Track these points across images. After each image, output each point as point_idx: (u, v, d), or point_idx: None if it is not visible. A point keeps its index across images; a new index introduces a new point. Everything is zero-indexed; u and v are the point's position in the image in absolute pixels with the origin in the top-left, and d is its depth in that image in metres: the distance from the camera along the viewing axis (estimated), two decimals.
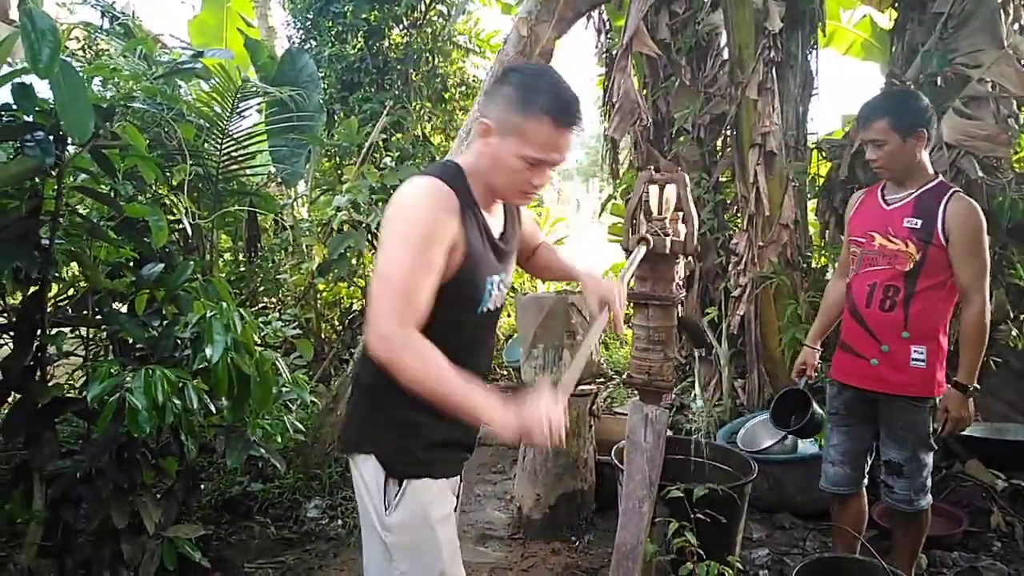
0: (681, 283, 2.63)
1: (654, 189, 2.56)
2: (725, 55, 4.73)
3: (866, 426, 2.86)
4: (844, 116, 6.54)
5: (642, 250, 2.38)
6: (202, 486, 3.59)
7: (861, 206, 2.87)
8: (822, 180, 4.92)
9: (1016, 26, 4.61)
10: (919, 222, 2.60)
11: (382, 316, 1.49)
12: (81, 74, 2.25)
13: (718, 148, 5.07)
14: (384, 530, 1.70)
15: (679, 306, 2.63)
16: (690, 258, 4.75)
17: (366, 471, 1.71)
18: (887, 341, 2.68)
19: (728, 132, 4.64)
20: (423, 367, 1.48)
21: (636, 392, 2.69)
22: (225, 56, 3.27)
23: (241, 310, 2.68)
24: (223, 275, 4.52)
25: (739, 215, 4.66)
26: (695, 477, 3.20)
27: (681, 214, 2.60)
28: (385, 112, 4.77)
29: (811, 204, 5.20)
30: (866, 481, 2.98)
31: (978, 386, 2.64)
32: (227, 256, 5.37)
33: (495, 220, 1.77)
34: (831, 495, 2.98)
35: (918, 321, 2.64)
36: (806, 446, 3.89)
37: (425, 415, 1.61)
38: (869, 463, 2.95)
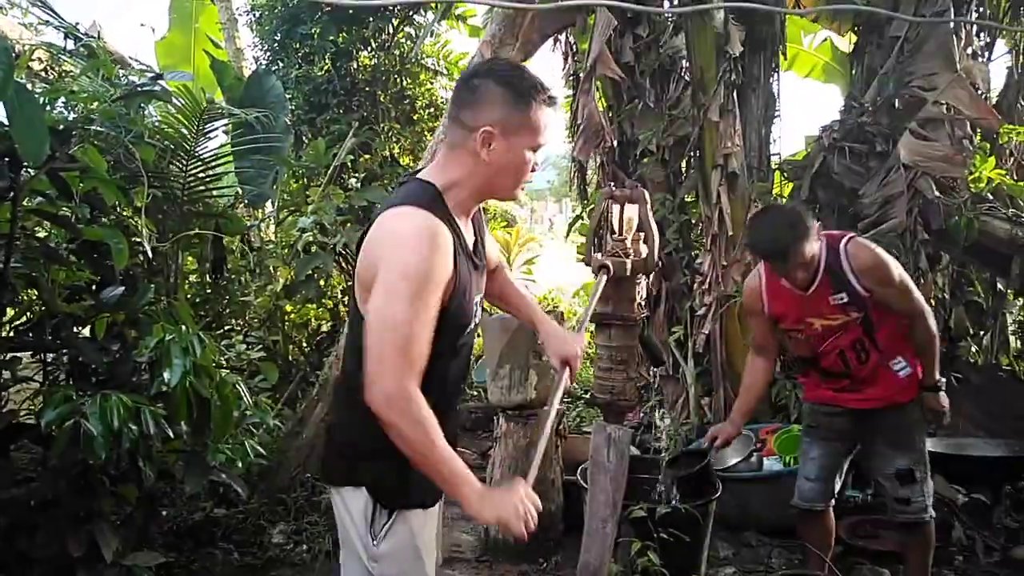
0: (643, 303, 2.66)
1: (615, 208, 2.58)
2: (687, 78, 4.81)
3: (846, 440, 2.89)
4: (807, 137, 6.69)
5: (603, 279, 2.41)
6: (163, 512, 3.53)
7: (776, 296, 2.82)
8: (785, 201, 5.00)
9: (969, 50, 4.75)
10: (844, 296, 2.67)
11: (386, 372, 1.48)
12: (38, 96, 2.24)
13: (682, 169, 5.14)
14: (372, 560, 1.69)
15: (641, 326, 2.65)
16: (656, 277, 4.81)
17: (353, 503, 1.70)
18: (868, 376, 2.77)
19: (691, 153, 4.71)
20: (420, 435, 1.49)
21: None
22: (185, 78, 3.27)
23: (200, 333, 2.66)
24: (187, 298, 4.48)
25: (704, 235, 4.71)
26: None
27: (643, 234, 2.64)
28: (352, 133, 4.76)
29: None
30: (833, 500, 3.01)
31: (943, 379, 2.76)
32: (192, 278, 5.31)
33: (468, 232, 1.75)
34: (803, 511, 2.97)
35: (889, 346, 2.73)
36: (771, 463, 3.92)
37: None
38: (840, 480, 2.99)
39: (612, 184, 2.60)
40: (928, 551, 2.87)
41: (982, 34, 5.17)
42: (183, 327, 2.64)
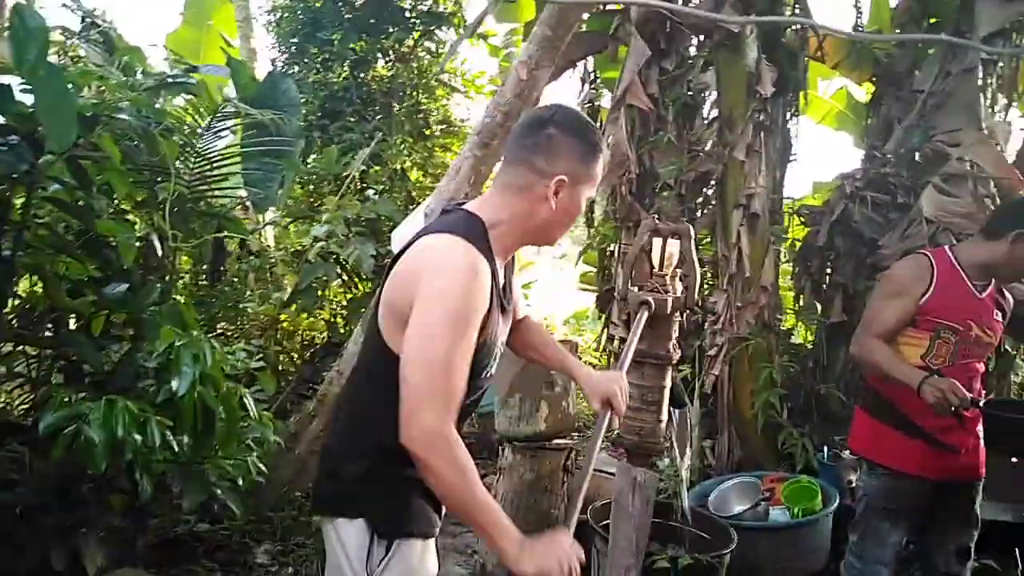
0: (677, 343, 2.56)
1: (657, 242, 2.49)
2: (713, 114, 4.75)
3: (918, 516, 2.69)
4: (815, 183, 6.68)
5: (644, 316, 2.31)
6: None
7: (947, 286, 2.55)
8: (799, 245, 4.94)
9: (996, 109, 4.74)
10: (1000, 314, 2.55)
11: (427, 409, 1.41)
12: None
13: (697, 205, 5.07)
14: None
15: (674, 366, 2.55)
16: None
17: (348, 535, 1.60)
18: (974, 430, 2.55)
19: (711, 191, 4.64)
20: (460, 480, 1.43)
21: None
22: (220, 73, 3.13)
23: (212, 340, 2.53)
24: (182, 299, 4.32)
25: (718, 274, 4.63)
26: (669, 542, 3.10)
27: (679, 271, 2.55)
28: (375, 142, 4.65)
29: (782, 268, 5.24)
30: None
31: None
32: (186, 279, 5.14)
33: (501, 274, 1.69)
34: None
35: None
36: (777, 514, 3.81)
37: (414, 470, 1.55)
38: None
39: (654, 217, 2.49)
40: None
41: (1000, 96, 5.18)
42: (194, 332, 2.51)
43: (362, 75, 5.79)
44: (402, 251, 1.60)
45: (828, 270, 4.74)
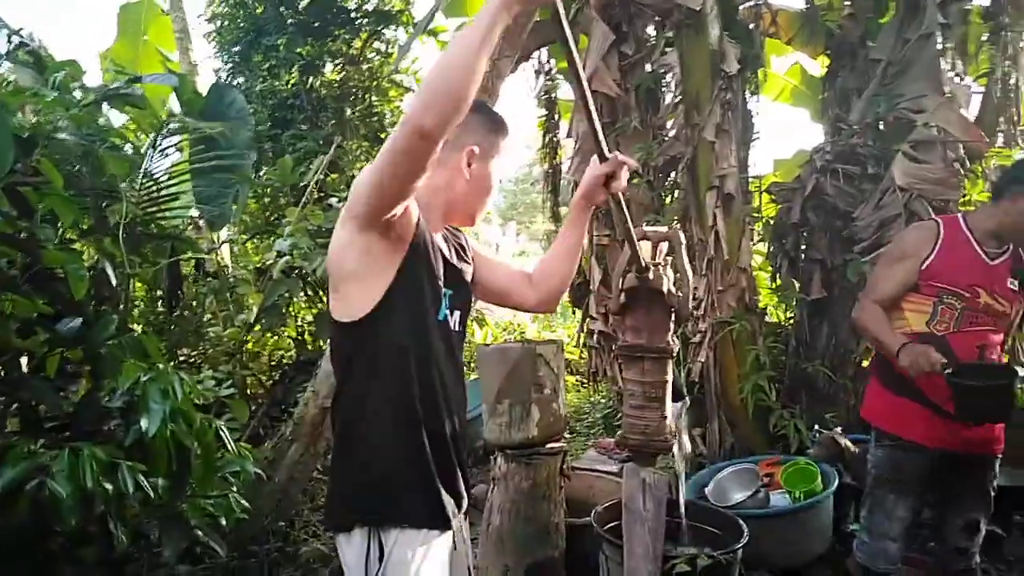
0: (675, 336, 2.44)
1: (645, 246, 2.37)
2: (679, 97, 4.66)
3: (928, 492, 2.67)
4: (776, 160, 6.66)
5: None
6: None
7: (952, 251, 2.51)
8: (772, 223, 4.88)
9: (952, 73, 4.73)
10: (1017, 282, 2.50)
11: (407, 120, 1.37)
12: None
13: (667, 191, 4.98)
14: None
15: (675, 359, 2.43)
16: None
17: (350, 548, 1.61)
18: None
19: (681, 175, 4.55)
20: (447, 57, 1.35)
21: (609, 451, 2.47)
22: (167, 82, 2.91)
23: (181, 373, 2.34)
24: (139, 328, 4.09)
25: (694, 259, 4.54)
26: (675, 540, 2.98)
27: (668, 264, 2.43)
28: (333, 147, 4.46)
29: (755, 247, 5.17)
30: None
31: None
32: (141, 306, 4.88)
33: (440, 242, 1.76)
34: (880, 574, 2.69)
35: None
36: (777, 499, 3.73)
37: (402, 452, 1.61)
38: None
39: (643, 225, 2.37)
40: None
41: (957, 61, 5.19)
42: (160, 366, 2.31)
43: (311, 81, 5.58)
44: None
45: (803, 246, 4.69)
